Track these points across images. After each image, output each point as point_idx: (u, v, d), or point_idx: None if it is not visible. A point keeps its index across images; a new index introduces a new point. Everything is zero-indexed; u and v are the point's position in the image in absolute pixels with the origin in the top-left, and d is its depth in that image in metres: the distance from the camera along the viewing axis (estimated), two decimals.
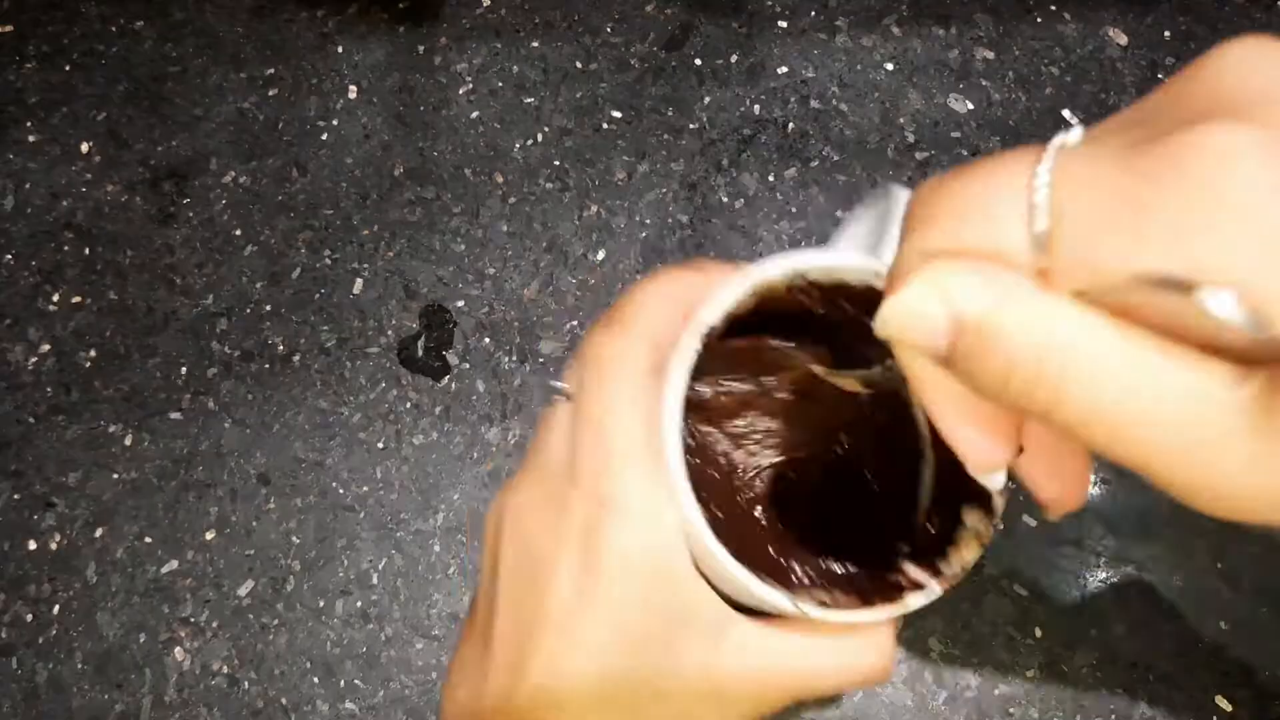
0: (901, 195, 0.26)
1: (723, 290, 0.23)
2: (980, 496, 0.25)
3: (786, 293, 0.24)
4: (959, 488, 0.25)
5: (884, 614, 0.24)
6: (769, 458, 0.28)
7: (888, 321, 0.17)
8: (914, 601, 0.24)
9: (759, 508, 0.28)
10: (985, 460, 0.18)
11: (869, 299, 0.25)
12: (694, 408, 0.28)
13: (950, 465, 0.26)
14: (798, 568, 0.28)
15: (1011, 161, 0.16)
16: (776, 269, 0.23)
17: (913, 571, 0.25)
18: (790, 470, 0.29)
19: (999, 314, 0.15)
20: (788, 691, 0.25)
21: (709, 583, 0.24)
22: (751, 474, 0.29)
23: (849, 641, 0.25)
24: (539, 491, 0.25)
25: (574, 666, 0.23)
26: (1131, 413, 0.14)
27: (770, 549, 0.28)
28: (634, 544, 0.23)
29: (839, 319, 0.26)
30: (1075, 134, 0.15)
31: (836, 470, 0.30)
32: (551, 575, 0.23)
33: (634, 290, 0.26)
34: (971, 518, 0.25)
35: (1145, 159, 0.13)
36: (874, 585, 0.25)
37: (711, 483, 0.28)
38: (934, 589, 0.24)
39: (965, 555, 0.25)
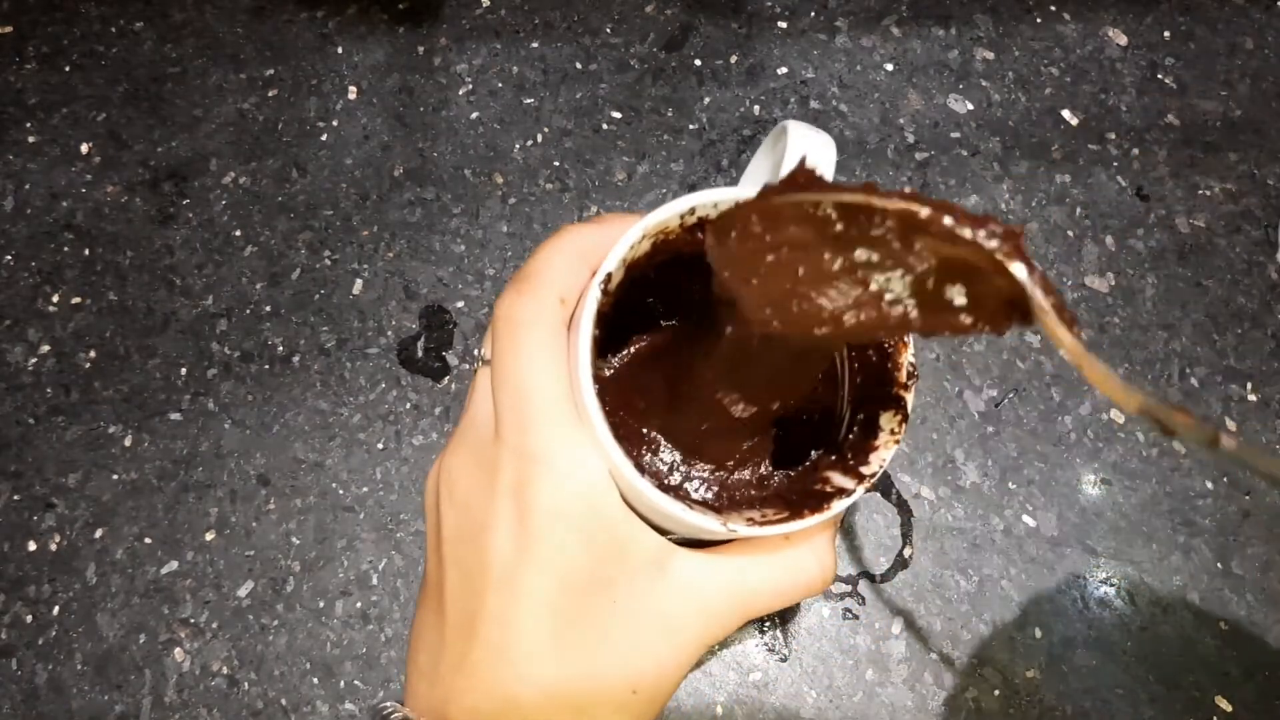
0: (794, 127, 0.27)
1: (621, 240, 0.24)
2: (894, 401, 0.26)
3: (683, 232, 0.25)
4: (873, 395, 0.26)
5: (811, 520, 0.24)
6: (686, 386, 0.29)
7: None
8: (839, 505, 0.25)
9: (680, 436, 0.29)
10: None
11: None
12: (609, 354, 0.29)
13: (864, 376, 0.27)
14: (733, 494, 0.28)
15: None
16: (666, 211, 0.24)
17: (837, 479, 0.26)
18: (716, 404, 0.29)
19: None
20: (735, 611, 0.26)
21: (644, 520, 0.25)
22: (670, 404, 0.29)
23: (786, 555, 0.26)
24: (469, 454, 0.26)
25: (522, 618, 0.24)
26: None
27: (697, 476, 0.29)
28: (563, 493, 0.24)
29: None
30: None
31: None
32: (489, 533, 0.24)
33: (538, 250, 0.27)
34: (887, 420, 0.26)
35: None
36: (801, 498, 0.26)
37: (633, 423, 0.29)
38: (856, 491, 0.25)
39: (883, 454, 0.25)
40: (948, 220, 0.19)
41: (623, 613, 0.24)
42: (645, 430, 0.29)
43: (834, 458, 0.27)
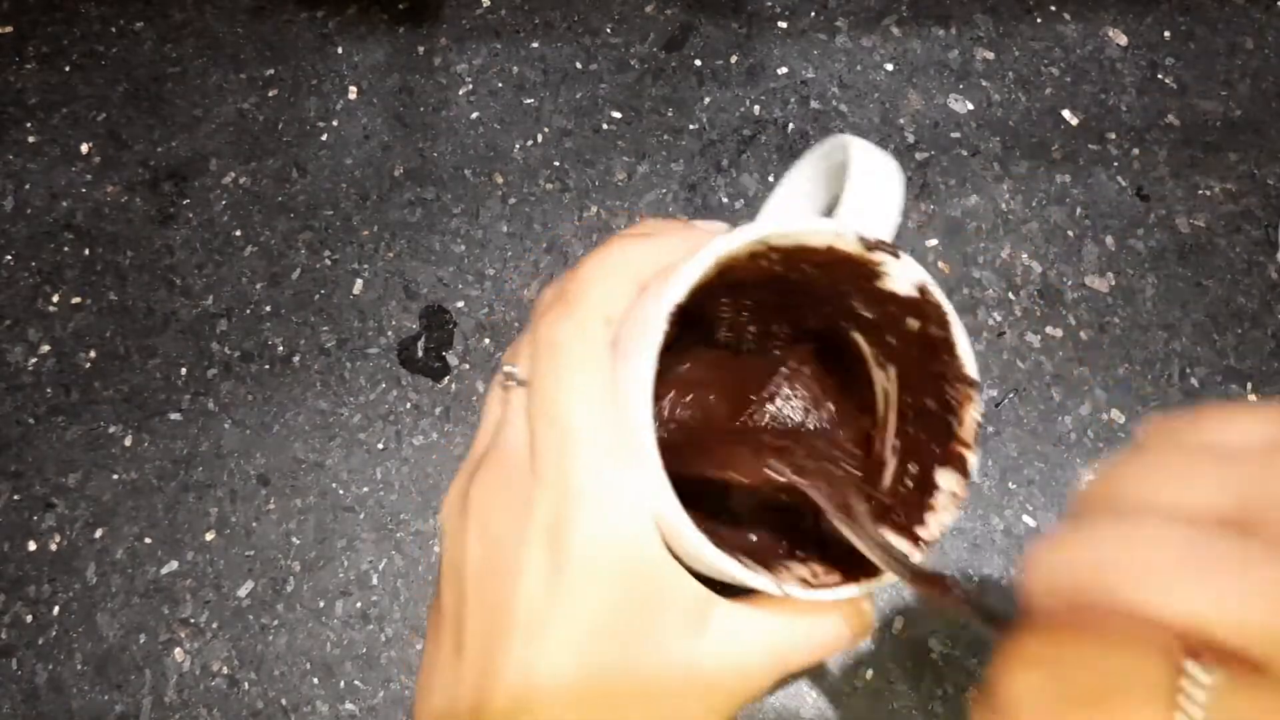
0: (858, 149, 0.26)
1: (687, 266, 0.22)
2: (953, 459, 0.24)
3: (748, 260, 0.24)
4: (928, 448, 0.25)
5: (867, 587, 0.23)
6: (742, 433, 0.28)
7: None
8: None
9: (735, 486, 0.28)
10: None
11: (830, 258, 0.24)
12: (668, 386, 0.28)
13: (918, 424, 0.26)
14: (777, 543, 0.27)
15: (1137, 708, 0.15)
16: (740, 240, 0.23)
17: (890, 536, 0.25)
18: (764, 444, 0.28)
19: None
20: (774, 670, 0.25)
21: (683, 565, 0.23)
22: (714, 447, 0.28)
23: (830, 613, 0.25)
24: (499, 483, 0.24)
25: (548, 666, 0.22)
26: None
27: (743, 529, 0.27)
28: (602, 536, 0.22)
29: (798, 279, 0.26)
30: (1199, 681, 0.14)
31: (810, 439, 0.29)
32: (519, 573, 0.22)
33: (582, 264, 0.25)
34: (946, 480, 0.25)
35: None
36: (852, 557, 0.24)
37: (678, 465, 0.28)
38: (914, 557, 0.24)
39: (943, 518, 0.24)
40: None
41: (656, 666, 0.23)
42: (687, 471, 0.28)
43: (884, 513, 0.26)
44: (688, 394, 0.28)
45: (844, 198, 0.25)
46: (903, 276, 0.24)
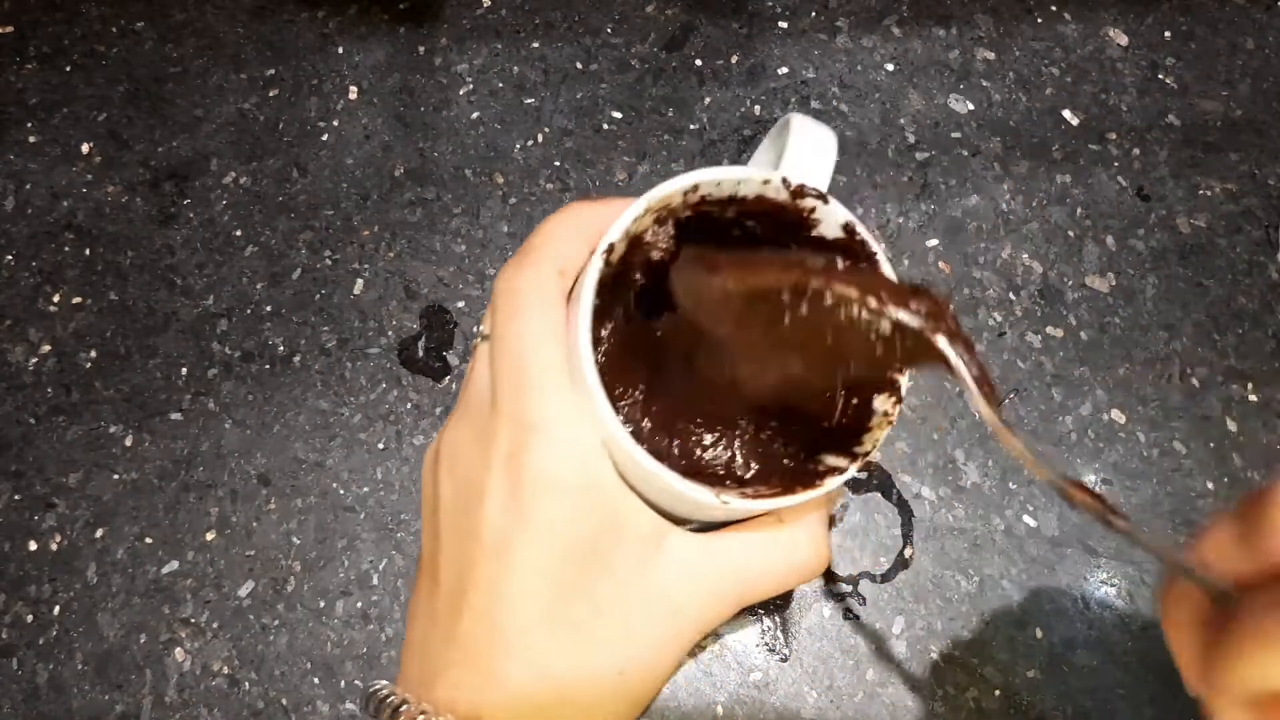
0: (797, 121, 0.27)
1: (623, 213, 0.24)
2: (889, 384, 0.26)
3: (685, 209, 0.25)
4: (868, 379, 0.27)
5: (805, 496, 0.24)
6: (683, 365, 0.29)
7: None
8: (832, 483, 0.25)
9: (687, 422, 0.29)
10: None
11: (762, 207, 0.26)
12: (608, 325, 0.29)
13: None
14: (728, 474, 0.28)
15: None
16: (670, 186, 0.25)
17: (830, 459, 0.26)
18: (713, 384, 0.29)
19: None
20: (733, 594, 0.25)
21: (640, 496, 0.24)
22: (677, 390, 0.29)
23: (782, 535, 0.26)
24: (467, 425, 0.26)
25: (512, 587, 0.23)
26: None
27: (702, 459, 0.28)
28: (557, 463, 0.23)
29: (741, 235, 0.28)
30: None
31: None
32: (483, 502, 0.24)
33: (541, 224, 0.27)
34: (881, 402, 0.26)
35: None
36: (795, 477, 0.26)
37: (631, 397, 0.29)
38: (849, 469, 0.25)
39: (876, 434, 0.26)
40: (873, 301, 0.21)
41: (614, 589, 0.24)
42: (643, 406, 0.29)
43: (828, 438, 0.27)
44: (651, 339, 0.30)
45: (783, 158, 0.26)
46: (831, 220, 0.26)
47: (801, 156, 0.26)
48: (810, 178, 0.26)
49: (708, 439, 0.29)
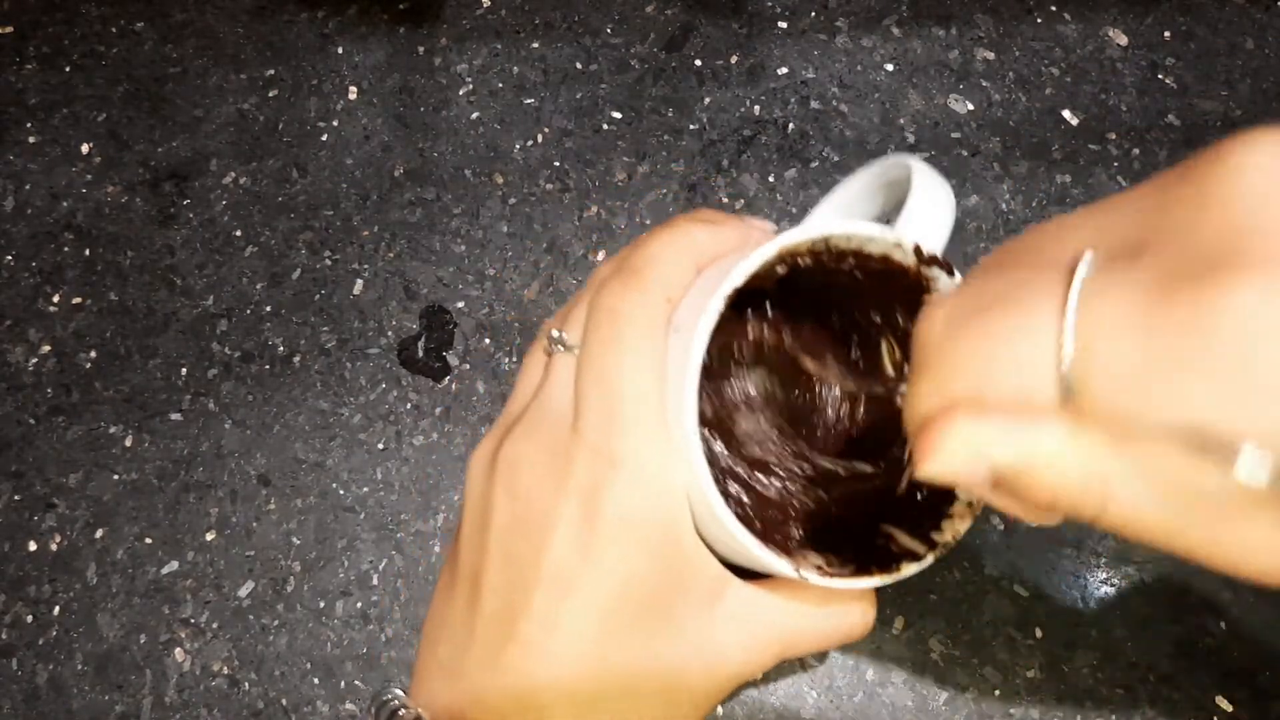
0: (921, 174, 0.26)
1: (752, 253, 0.23)
2: None
3: (807, 256, 0.25)
4: None
5: (879, 581, 0.24)
6: (769, 422, 0.29)
7: (929, 474, 0.17)
8: (909, 569, 0.24)
9: (759, 472, 0.28)
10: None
11: (884, 267, 0.25)
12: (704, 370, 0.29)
13: None
14: (795, 531, 0.28)
15: (1031, 300, 0.16)
16: (803, 235, 0.23)
17: (905, 540, 0.25)
18: (789, 435, 0.29)
19: (1033, 460, 0.16)
20: (777, 651, 0.25)
21: (705, 543, 0.24)
22: (753, 439, 0.29)
23: (836, 603, 0.26)
24: (537, 443, 0.24)
25: (570, 623, 0.22)
26: (1169, 518, 0.15)
27: (769, 510, 0.28)
28: (639, 505, 0.22)
29: (851, 284, 0.27)
30: (1087, 262, 0.15)
31: (834, 437, 0.30)
32: (550, 530, 0.23)
33: (646, 241, 0.25)
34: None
35: (1179, 309, 0.14)
36: (865, 552, 0.25)
37: (716, 444, 0.28)
38: (927, 558, 0.24)
39: (958, 525, 0.25)
40: None
41: (672, 635, 0.23)
42: (726, 453, 0.28)
43: (901, 515, 0.26)
44: (742, 381, 0.29)
45: (905, 214, 0.25)
46: (949, 289, 0.25)
47: (925, 217, 0.25)
48: (932, 240, 0.25)
49: (773, 492, 0.28)
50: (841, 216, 0.31)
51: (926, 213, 0.25)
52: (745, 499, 0.27)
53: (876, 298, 0.27)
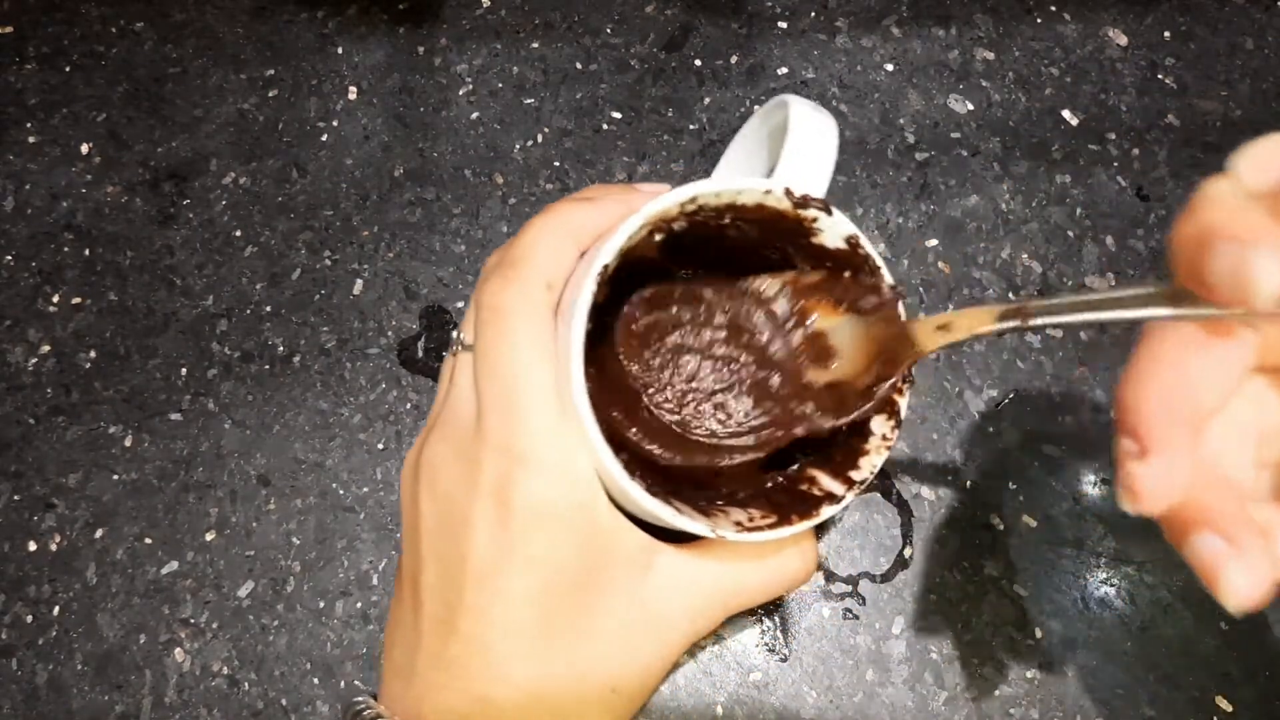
0: (796, 105, 0.27)
1: (618, 229, 0.23)
2: (887, 404, 0.25)
3: (682, 219, 0.25)
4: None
5: (800, 527, 0.24)
6: (677, 385, 0.29)
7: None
8: (828, 511, 0.25)
9: (676, 436, 0.28)
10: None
11: (762, 214, 0.25)
12: (598, 343, 0.28)
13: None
14: (723, 489, 0.28)
15: None
16: (668, 201, 0.24)
17: (825, 481, 0.26)
18: (705, 396, 0.29)
19: None
20: (721, 608, 0.26)
21: (629, 516, 0.24)
22: (661, 403, 0.29)
23: (773, 554, 0.26)
24: (449, 446, 0.25)
25: (502, 614, 0.23)
26: None
27: (694, 473, 0.28)
28: (547, 493, 0.23)
29: (737, 236, 0.27)
30: None
31: (751, 391, 0.30)
32: (469, 530, 0.23)
33: (525, 230, 0.26)
34: (879, 424, 0.26)
35: None
36: (789, 502, 0.25)
37: (620, 417, 0.28)
38: (846, 497, 0.25)
39: (874, 460, 0.25)
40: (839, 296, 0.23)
41: (606, 611, 0.24)
42: (629, 426, 0.28)
43: (822, 459, 0.27)
44: (652, 350, 0.29)
45: (783, 156, 0.26)
46: (833, 231, 0.25)
47: (802, 152, 0.25)
48: (811, 178, 0.25)
49: (699, 457, 0.28)
50: (740, 173, 0.31)
51: (802, 152, 0.26)
52: (669, 464, 0.28)
53: (769, 246, 0.27)
